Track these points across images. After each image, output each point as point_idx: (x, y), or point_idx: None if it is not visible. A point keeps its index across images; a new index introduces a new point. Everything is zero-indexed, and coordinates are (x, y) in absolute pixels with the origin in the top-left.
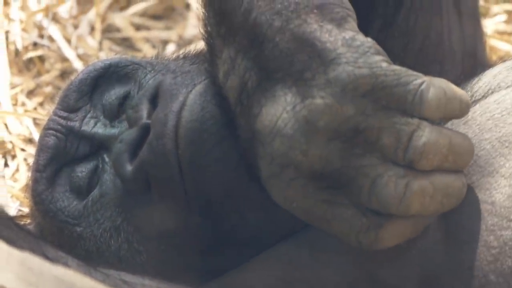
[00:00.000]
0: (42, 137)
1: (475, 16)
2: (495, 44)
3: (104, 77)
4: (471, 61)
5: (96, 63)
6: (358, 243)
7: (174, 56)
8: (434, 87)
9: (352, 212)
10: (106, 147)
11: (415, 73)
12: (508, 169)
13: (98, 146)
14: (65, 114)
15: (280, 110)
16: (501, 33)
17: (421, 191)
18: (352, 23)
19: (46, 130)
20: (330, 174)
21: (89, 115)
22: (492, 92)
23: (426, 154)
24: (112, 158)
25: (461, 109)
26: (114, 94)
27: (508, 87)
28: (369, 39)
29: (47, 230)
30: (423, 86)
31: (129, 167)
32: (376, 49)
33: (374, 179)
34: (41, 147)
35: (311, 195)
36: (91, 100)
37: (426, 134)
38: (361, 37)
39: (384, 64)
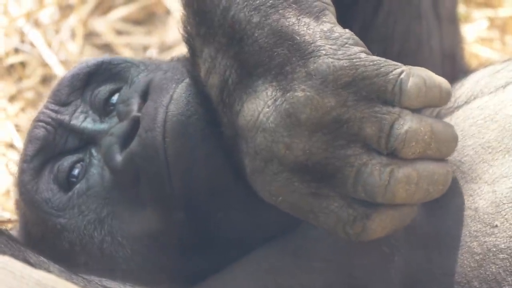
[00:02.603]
0: (31, 129)
1: (453, 21)
2: (477, 50)
3: (97, 74)
4: (450, 65)
5: (89, 60)
6: (345, 235)
7: (168, 58)
8: (414, 76)
9: (339, 204)
10: (94, 142)
11: (394, 63)
12: (491, 175)
13: (86, 141)
14: (56, 108)
15: (262, 104)
16: (483, 40)
17: (406, 178)
18: (330, 16)
19: (36, 122)
20: (315, 167)
21: (79, 110)
22: (475, 98)
23: (408, 141)
24: (102, 150)
25: (442, 97)
26: (105, 90)
27: (490, 93)
28: (347, 30)
29: (31, 221)
30: (402, 75)
31: (119, 158)
32: (354, 40)
33: (359, 168)
34: (30, 138)
35: (296, 189)
36: (82, 96)
37: (407, 122)
38: (339, 28)
39: (363, 55)
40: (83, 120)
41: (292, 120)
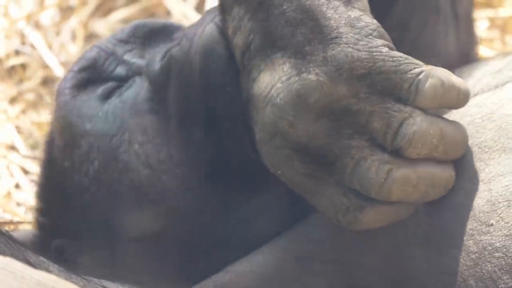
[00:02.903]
0: (85, 51)
1: (469, 21)
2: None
3: (160, 32)
4: (463, 63)
5: (156, 19)
6: (337, 221)
7: None
8: (433, 77)
9: (334, 190)
10: (140, 73)
11: (415, 61)
12: (487, 174)
13: (134, 73)
14: (114, 41)
15: (276, 79)
16: (483, 40)
17: (403, 179)
18: (362, 0)
19: (92, 47)
20: (316, 150)
21: (134, 51)
22: (475, 95)
23: (414, 142)
24: (145, 62)
25: (459, 99)
26: (165, 45)
27: (489, 90)
28: (374, 21)
29: (58, 129)
30: (421, 76)
31: (158, 65)
32: (379, 32)
33: (358, 161)
34: (82, 56)
35: (295, 167)
36: (141, 44)
37: (417, 123)
38: (367, 18)
39: (385, 50)
40: (136, 58)
41: (300, 101)
